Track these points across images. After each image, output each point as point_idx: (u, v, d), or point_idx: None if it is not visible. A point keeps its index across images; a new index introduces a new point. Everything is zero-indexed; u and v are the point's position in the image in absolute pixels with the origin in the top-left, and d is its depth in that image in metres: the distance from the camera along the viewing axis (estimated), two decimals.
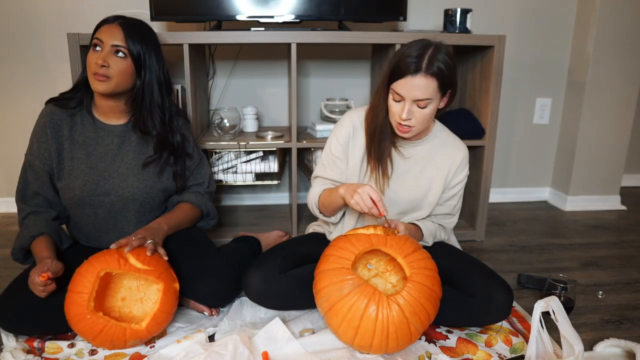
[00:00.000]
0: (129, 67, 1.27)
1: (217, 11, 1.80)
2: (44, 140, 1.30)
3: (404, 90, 1.16)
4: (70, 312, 1.12)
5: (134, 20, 1.30)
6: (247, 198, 2.40)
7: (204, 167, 1.51)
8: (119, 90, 1.28)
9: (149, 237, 1.25)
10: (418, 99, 1.16)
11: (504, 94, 2.29)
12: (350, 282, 1.10)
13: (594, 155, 2.36)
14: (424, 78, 1.14)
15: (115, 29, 1.25)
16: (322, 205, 1.33)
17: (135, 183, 1.34)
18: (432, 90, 1.16)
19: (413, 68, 1.14)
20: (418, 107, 1.18)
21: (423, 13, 2.20)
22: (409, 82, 1.15)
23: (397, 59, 1.17)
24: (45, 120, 1.30)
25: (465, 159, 1.36)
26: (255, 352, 1.16)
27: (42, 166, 1.30)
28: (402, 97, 1.17)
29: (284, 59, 2.21)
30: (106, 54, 1.23)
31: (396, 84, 1.17)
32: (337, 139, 1.34)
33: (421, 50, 1.15)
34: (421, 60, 1.14)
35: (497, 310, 1.24)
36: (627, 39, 2.20)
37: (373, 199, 1.16)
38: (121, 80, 1.26)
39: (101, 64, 1.22)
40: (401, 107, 1.19)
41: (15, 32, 2.04)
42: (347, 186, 1.23)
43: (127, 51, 1.25)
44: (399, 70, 1.16)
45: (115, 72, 1.24)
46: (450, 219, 1.42)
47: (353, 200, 1.17)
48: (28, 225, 1.29)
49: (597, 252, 1.90)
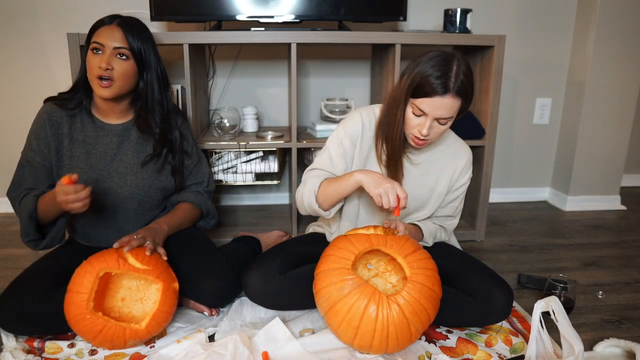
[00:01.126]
0: (131, 68, 1.26)
1: (217, 11, 1.80)
2: (44, 136, 1.30)
3: (428, 108, 1.14)
4: (70, 312, 1.11)
5: (131, 19, 1.30)
6: (247, 198, 2.40)
7: (203, 166, 1.51)
8: (122, 92, 1.28)
9: (150, 237, 1.26)
10: (442, 117, 1.15)
11: (504, 94, 2.29)
12: (351, 282, 1.10)
13: (594, 155, 2.36)
14: (451, 99, 1.12)
15: (114, 30, 1.24)
16: (323, 194, 1.25)
17: (135, 182, 1.34)
18: (456, 109, 1.15)
19: (442, 90, 1.11)
20: (439, 123, 1.17)
21: (423, 13, 2.20)
22: (436, 102, 1.12)
23: (422, 77, 1.12)
24: (45, 117, 1.30)
25: (470, 162, 1.36)
26: (255, 352, 1.16)
27: (42, 162, 1.30)
28: (425, 114, 1.16)
29: (284, 59, 2.21)
30: (108, 56, 1.23)
31: (420, 101, 1.14)
32: (347, 133, 1.29)
33: (445, 67, 1.11)
34: (449, 80, 1.11)
35: (497, 310, 1.24)
36: (627, 39, 2.20)
37: (399, 198, 1.14)
38: (124, 83, 1.26)
39: (105, 67, 1.21)
40: (422, 122, 1.17)
41: (15, 32, 2.04)
42: (368, 173, 1.18)
43: (129, 52, 1.25)
44: (425, 89, 1.12)
45: (118, 75, 1.24)
46: (452, 220, 1.42)
47: (378, 191, 1.13)
48: (25, 201, 1.25)
49: (597, 252, 1.90)
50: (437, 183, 1.35)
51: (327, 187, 1.24)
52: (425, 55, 1.16)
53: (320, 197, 1.25)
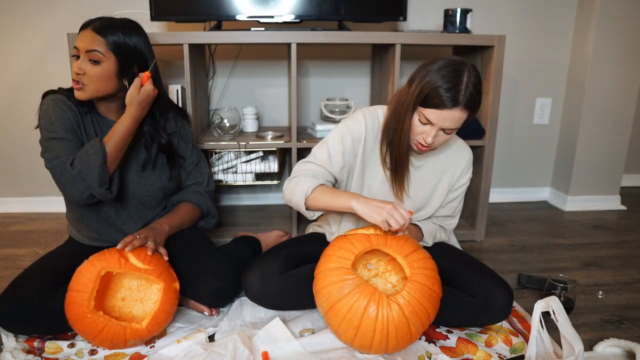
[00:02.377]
0: (105, 71, 1.23)
1: (217, 11, 1.80)
2: (67, 118, 1.25)
3: (435, 119, 1.14)
4: (71, 312, 1.12)
5: (113, 20, 1.26)
6: (247, 198, 2.40)
7: (203, 166, 1.51)
8: (100, 95, 1.26)
9: (151, 237, 1.26)
10: (449, 128, 1.15)
11: (504, 94, 2.29)
12: (351, 282, 1.10)
13: (594, 155, 2.36)
14: (459, 112, 1.12)
15: (88, 34, 1.22)
16: (314, 200, 1.22)
17: (136, 181, 1.34)
18: (463, 121, 1.15)
19: (451, 104, 1.10)
20: (444, 132, 1.18)
21: (423, 13, 2.20)
22: (445, 114, 1.12)
23: (432, 87, 1.11)
24: (60, 104, 1.26)
25: (470, 162, 1.36)
26: (255, 352, 1.16)
27: (73, 138, 1.25)
28: (432, 124, 1.15)
29: (284, 59, 2.21)
30: (81, 61, 1.22)
31: (428, 112, 1.13)
32: (350, 131, 1.27)
33: (456, 79, 1.10)
34: (458, 93, 1.10)
35: (497, 310, 1.24)
36: (627, 39, 2.20)
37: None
38: (99, 86, 1.24)
39: (77, 72, 1.22)
40: (427, 131, 1.17)
41: (15, 32, 2.05)
42: (365, 202, 1.15)
43: (100, 55, 1.21)
44: (434, 100, 1.11)
45: (90, 79, 1.22)
46: (451, 220, 1.42)
47: (382, 217, 1.12)
48: (89, 150, 1.20)
49: (597, 252, 1.90)
50: (438, 184, 1.35)
51: (320, 197, 1.21)
52: (435, 62, 1.14)
53: (311, 202, 1.23)
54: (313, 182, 1.23)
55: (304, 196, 1.22)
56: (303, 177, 1.25)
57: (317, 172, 1.27)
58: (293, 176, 1.29)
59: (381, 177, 1.31)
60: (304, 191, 1.22)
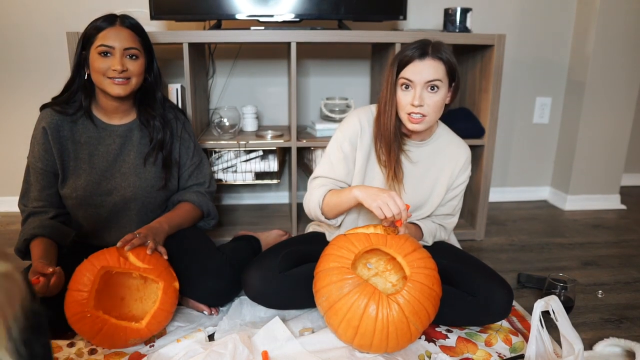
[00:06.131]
0: (142, 66, 1.30)
1: (216, 10, 1.79)
2: (44, 142, 1.30)
3: (413, 74, 1.19)
4: (70, 311, 1.11)
5: (131, 17, 1.31)
6: (246, 197, 2.40)
7: (205, 167, 1.51)
8: (135, 89, 1.31)
9: (151, 236, 1.26)
10: (429, 80, 1.18)
11: (504, 93, 2.29)
12: (350, 282, 1.10)
13: (594, 154, 2.36)
14: (432, 60, 1.19)
15: (122, 31, 1.26)
16: (327, 206, 1.28)
17: (137, 182, 1.34)
18: (441, 73, 1.19)
19: (419, 53, 1.19)
20: (429, 91, 1.19)
21: (423, 12, 2.20)
22: (418, 65, 1.18)
23: (401, 52, 1.22)
24: (44, 124, 1.30)
25: (468, 160, 1.36)
26: (255, 351, 1.16)
27: (44, 167, 1.31)
28: (412, 82, 1.19)
29: (284, 58, 2.20)
30: (120, 58, 1.25)
31: (405, 71, 1.20)
32: (346, 137, 1.31)
33: (420, 41, 1.22)
34: (426, 46, 1.20)
35: (497, 309, 1.24)
36: (627, 39, 2.20)
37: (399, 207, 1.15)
38: (138, 80, 1.31)
39: (121, 69, 1.24)
40: (412, 94, 1.20)
41: (15, 32, 2.04)
42: (365, 188, 1.20)
43: (138, 52, 1.28)
44: (406, 58, 1.20)
45: (132, 74, 1.28)
46: (451, 219, 1.42)
47: (376, 203, 1.14)
48: (25, 228, 1.30)
49: (596, 252, 1.90)
50: (437, 182, 1.35)
51: (330, 201, 1.27)
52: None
53: (325, 209, 1.29)
54: (321, 190, 1.29)
55: (319, 206, 1.29)
56: (313, 191, 1.31)
57: (325, 183, 1.32)
58: (306, 195, 1.34)
59: (380, 177, 1.32)
60: (317, 202, 1.28)
